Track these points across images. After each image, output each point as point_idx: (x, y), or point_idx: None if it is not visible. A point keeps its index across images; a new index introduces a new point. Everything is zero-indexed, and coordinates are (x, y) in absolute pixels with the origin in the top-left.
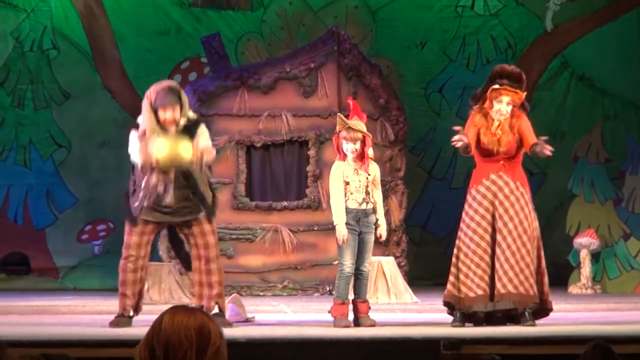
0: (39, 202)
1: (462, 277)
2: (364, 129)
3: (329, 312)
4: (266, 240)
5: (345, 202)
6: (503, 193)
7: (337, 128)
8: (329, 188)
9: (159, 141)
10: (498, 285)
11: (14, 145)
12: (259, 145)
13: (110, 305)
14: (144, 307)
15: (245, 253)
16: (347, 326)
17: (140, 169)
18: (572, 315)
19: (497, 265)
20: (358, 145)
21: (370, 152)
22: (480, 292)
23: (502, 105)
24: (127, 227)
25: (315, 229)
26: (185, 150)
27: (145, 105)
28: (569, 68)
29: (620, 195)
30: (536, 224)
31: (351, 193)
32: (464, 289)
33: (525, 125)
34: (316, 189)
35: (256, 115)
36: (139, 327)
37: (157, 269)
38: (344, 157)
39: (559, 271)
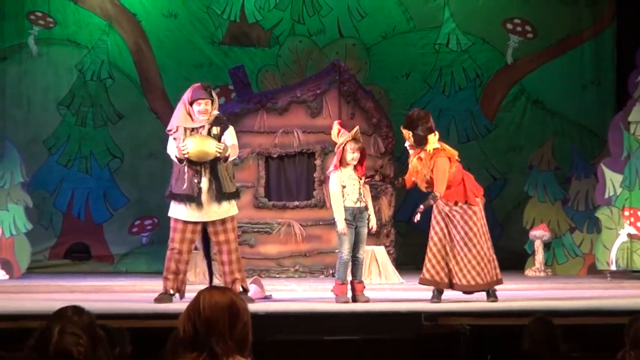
0: (98, 202)
1: (429, 265)
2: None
3: (332, 290)
4: (281, 232)
5: (344, 202)
6: (445, 212)
7: (344, 139)
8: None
9: (189, 139)
10: (456, 277)
11: (77, 156)
12: (275, 156)
13: (155, 285)
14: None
15: (264, 243)
16: (346, 302)
17: (177, 162)
18: (528, 293)
19: (454, 262)
20: (359, 154)
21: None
22: (437, 278)
23: (406, 145)
24: (172, 224)
25: (321, 223)
26: (210, 146)
27: (180, 104)
28: (525, 94)
29: (567, 197)
30: (481, 222)
31: (348, 194)
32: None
33: (436, 171)
34: (321, 191)
35: (273, 132)
36: (179, 303)
37: (192, 256)
38: (339, 167)
39: (517, 258)
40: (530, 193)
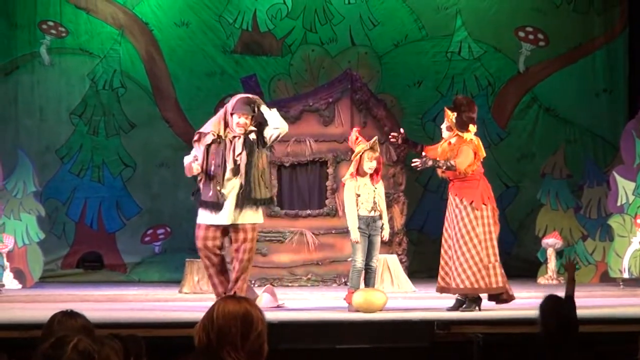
0: (110, 211)
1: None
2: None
3: (345, 299)
4: (293, 241)
5: (358, 210)
6: (450, 209)
7: (362, 148)
8: (344, 200)
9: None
10: (453, 281)
11: (90, 165)
12: (287, 164)
13: (168, 294)
14: (195, 295)
15: (276, 252)
16: (359, 311)
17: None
18: (540, 301)
19: (450, 264)
20: (375, 163)
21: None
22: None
23: (443, 125)
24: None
25: (333, 232)
26: (381, 300)
27: (221, 111)
28: (537, 102)
29: (579, 205)
30: (483, 229)
31: (362, 203)
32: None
33: (460, 153)
34: (334, 199)
35: (285, 141)
36: (192, 312)
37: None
38: (355, 175)
39: (530, 266)
40: (542, 201)
